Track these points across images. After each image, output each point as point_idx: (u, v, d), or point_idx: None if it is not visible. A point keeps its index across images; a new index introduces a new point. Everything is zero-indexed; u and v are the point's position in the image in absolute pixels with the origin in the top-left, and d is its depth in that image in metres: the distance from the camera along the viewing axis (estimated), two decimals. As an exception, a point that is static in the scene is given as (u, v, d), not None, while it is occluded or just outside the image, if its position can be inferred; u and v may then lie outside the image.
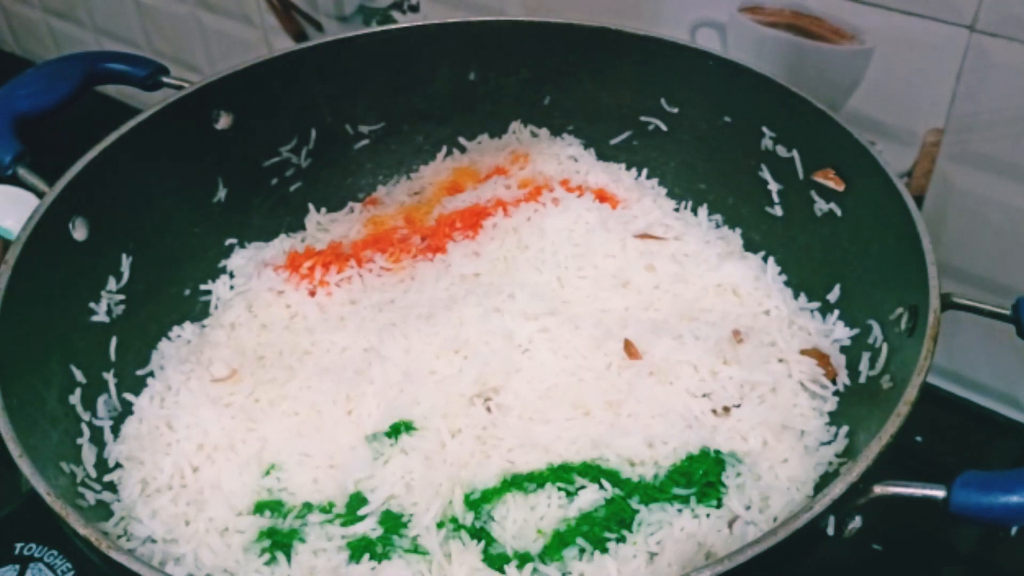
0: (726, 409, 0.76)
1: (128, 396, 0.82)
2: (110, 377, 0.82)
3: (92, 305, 0.83)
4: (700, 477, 0.71)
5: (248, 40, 1.35)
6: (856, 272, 0.83)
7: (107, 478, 0.76)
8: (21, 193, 0.96)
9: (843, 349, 0.81)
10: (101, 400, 0.80)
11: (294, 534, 0.72)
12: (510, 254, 0.91)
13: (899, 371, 0.71)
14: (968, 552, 0.87)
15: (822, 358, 0.80)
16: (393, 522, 0.71)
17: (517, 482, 0.72)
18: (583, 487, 0.71)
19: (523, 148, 1.03)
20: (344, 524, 0.71)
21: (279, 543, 0.71)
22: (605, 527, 0.69)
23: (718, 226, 0.96)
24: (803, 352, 0.81)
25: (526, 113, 1.03)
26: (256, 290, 0.91)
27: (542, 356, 0.80)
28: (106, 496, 0.74)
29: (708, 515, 0.70)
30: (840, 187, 0.84)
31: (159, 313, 0.90)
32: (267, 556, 0.71)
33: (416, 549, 0.69)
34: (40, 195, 0.80)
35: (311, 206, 1.02)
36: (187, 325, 0.91)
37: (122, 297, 0.86)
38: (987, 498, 0.58)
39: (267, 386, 0.82)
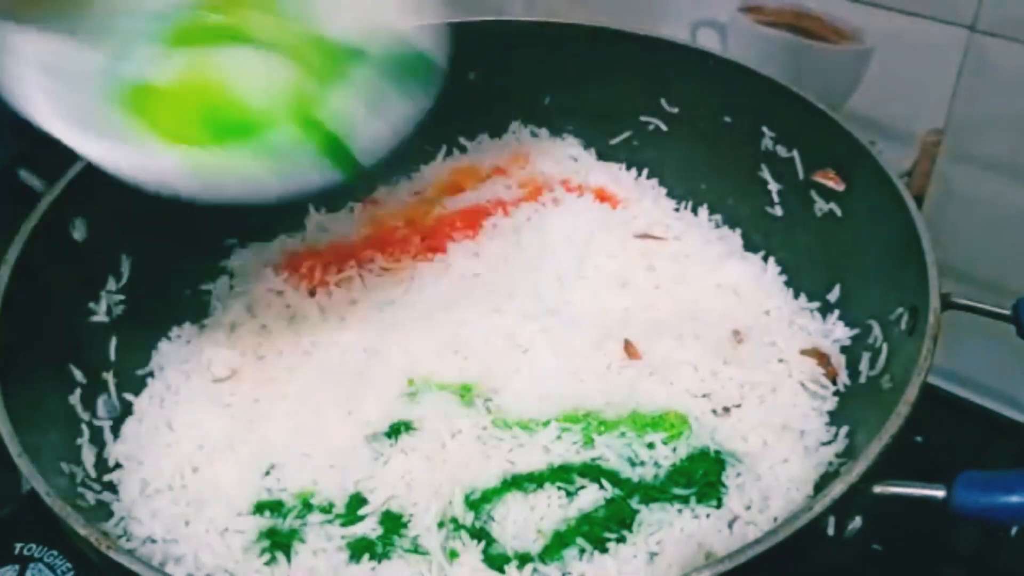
0: (726, 409, 0.76)
1: (128, 396, 0.82)
2: (110, 377, 0.82)
3: (92, 305, 0.83)
4: (700, 477, 0.71)
5: (248, 40, 1.35)
6: (856, 272, 0.83)
7: (107, 478, 0.76)
8: None
9: (843, 349, 0.81)
10: (101, 400, 0.80)
11: (294, 534, 0.71)
12: (510, 254, 0.91)
13: (899, 371, 0.71)
14: (968, 552, 0.87)
15: (822, 358, 0.80)
16: (393, 522, 0.71)
17: (517, 482, 0.72)
18: (583, 487, 0.71)
19: (523, 148, 1.03)
20: (344, 524, 0.71)
21: (279, 543, 0.71)
22: (605, 527, 0.69)
23: (718, 226, 0.96)
24: (803, 352, 0.81)
25: (526, 113, 1.03)
26: (256, 290, 0.91)
27: (542, 356, 0.80)
28: (106, 496, 0.74)
29: (708, 515, 0.70)
30: (840, 187, 0.84)
31: (159, 313, 0.90)
32: (267, 556, 0.70)
33: (416, 549, 0.69)
34: (40, 195, 0.80)
35: (311, 206, 1.01)
36: (187, 325, 0.91)
37: (122, 297, 0.85)
38: (987, 498, 0.58)
39: (267, 386, 0.82)
